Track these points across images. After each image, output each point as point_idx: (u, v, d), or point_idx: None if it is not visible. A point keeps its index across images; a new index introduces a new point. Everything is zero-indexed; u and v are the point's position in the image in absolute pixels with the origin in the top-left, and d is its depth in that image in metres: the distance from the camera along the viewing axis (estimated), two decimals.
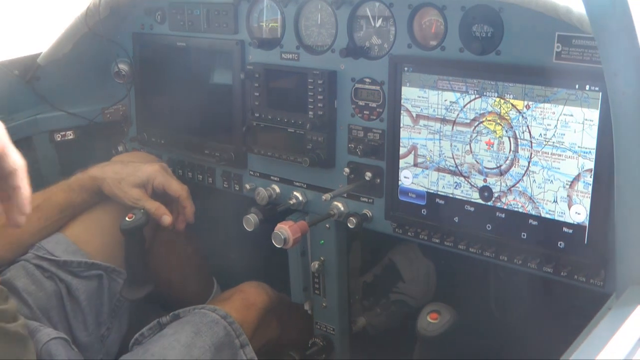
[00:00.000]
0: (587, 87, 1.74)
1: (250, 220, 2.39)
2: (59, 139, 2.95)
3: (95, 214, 2.49)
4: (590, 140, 1.76)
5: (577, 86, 1.75)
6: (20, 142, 2.84)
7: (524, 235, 1.94)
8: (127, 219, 2.34)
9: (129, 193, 2.42)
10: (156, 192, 2.49)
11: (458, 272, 2.62)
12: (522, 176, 1.90)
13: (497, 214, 1.98)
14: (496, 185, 1.96)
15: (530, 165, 1.88)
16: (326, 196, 2.21)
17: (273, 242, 2.16)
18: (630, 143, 1.38)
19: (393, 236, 2.28)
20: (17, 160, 1.69)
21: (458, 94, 1.97)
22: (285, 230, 2.14)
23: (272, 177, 2.55)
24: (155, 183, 2.47)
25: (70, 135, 2.97)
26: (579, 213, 1.83)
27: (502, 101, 1.89)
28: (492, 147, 1.94)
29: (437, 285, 2.87)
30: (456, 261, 2.47)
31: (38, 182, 2.88)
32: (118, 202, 2.45)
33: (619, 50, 1.30)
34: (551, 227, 1.89)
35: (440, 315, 1.88)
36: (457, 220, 2.07)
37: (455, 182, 2.05)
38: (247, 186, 2.61)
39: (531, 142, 1.87)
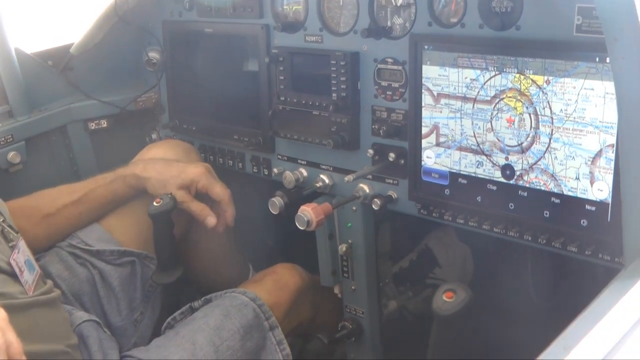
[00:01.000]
0: (608, 59, 1.69)
1: (276, 204, 2.40)
2: (93, 128, 3.00)
3: (128, 201, 2.53)
4: (611, 115, 1.72)
5: (597, 59, 1.72)
6: (55, 131, 2.92)
7: (546, 213, 1.92)
8: (154, 203, 2.36)
9: (174, 195, 2.44)
10: (199, 193, 2.50)
11: (495, 256, 2.59)
12: (544, 153, 1.88)
13: (520, 192, 1.96)
14: (518, 163, 1.94)
15: (552, 141, 1.86)
16: (349, 177, 2.21)
17: (296, 224, 2.16)
18: (632, 107, 1.35)
19: (422, 219, 2.27)
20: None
21: (478, 71, 1.95)
22: (308, 212, 2.15)
23: (299, 161, 2.56)
24: (199, 185, 2.47)
25: (104, 123, 3.02)
26: (601, 190, 1.79)
27: (522, 77, 1.87)
28: (513, 124, 1.92)
29: (474, 269, 2.85)
30: (493, 245, 2.45)
31: (73, 170, 2.96)
32: None
33: (618, 15, 1.28)
34: (574, 205, 1.86)
35: (456, 294, 1.85)
36: (480, 200, 2.05)
37: (477, 161, 2.03)
38: (276, 170, 2.62)
39: (552, 118, 1.84)
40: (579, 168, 1.82)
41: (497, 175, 2.00)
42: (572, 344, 1.22)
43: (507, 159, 1.96)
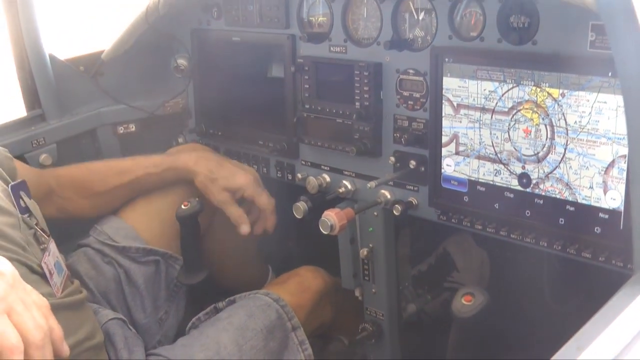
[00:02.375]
0: None
1: (300, 208, 2.45)
2: (121, 131, 3.06)
3: (155, 201, 2.59)
4: (623, 127, 1.77)
5: (610, 74, 1.78)
6: (85, 135, 2.99)
7: (561, 221, 1.97)
8: (182, 206, 2.43)
9: (218, 195, 2.53)
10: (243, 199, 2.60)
11: (511, 261, 2.64)
12: (559, 163, 1.94)
13: (536, 200, 2.02)
14: (534, 172, 2.00)
15: (567, 152, 1.92)
16: (371, 184, 2.27)
17: (320, 228, 2.22)
18: None
19: (441, 224, 2.32)
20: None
21: (496, 84, 2.02)
22: (332, 217, 2.20)
23: (322, 167, 2.62)
24: (245, 194, 2.57)
25: (132, 127, 3.08)
26: (614, 199, 1.85)
27: (539, 90, 1.93)
28: (530, 134, 1.98)
29: (491, 274, 2.90)
30: (509, 250, 2.50)
31: None
32: (201, 196, 2.55)
33: (626, 38, 1.35)
34: (588, 213, 1.91)
35: (474, 298, 1.92)
36: (497, 207, 2.11)
37: (495, 169, 2.09)
38: (299, 175, 2.68)
39: (567, 129, 1.90)
40: (593, 177, 1.88)
41: (514, 184, 2.06)
42: (585, 345, 1.29)
43: (523, 167, 2.03)
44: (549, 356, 1.29)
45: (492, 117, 2.06)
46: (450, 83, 2.13)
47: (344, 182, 2.54)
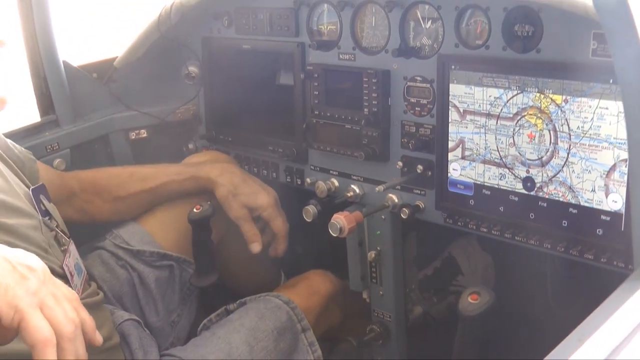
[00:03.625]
0: None
1: (310, 211, 2.50)
2: (133, 137, 3.10)
3: (172, 208, 2.63)
4: (624, 132, 1.80)
5: (611, 81, 1.83)
6: (98, 140, 3.03)
7: (565, 223, 2.02)
8: (194, 210, 2.46)
9: (237, 210, 2.58)
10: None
11: (515, 265, 2.68)
12: (562, 167, 1.99)
13: (540, 203, 2.07)
14: (538, 175, 2.05)
15: (569, 156, 1.97)
16: (379, 188, 2.32)
17: (330, 231, 2.27)
18: None
19: (446, 227, 2.36)
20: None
21: (501, 90, 2.07)
22: (341, 220, 2.25)
23: (331, 171, 2.65)
24: (264, 214, 2.63)
25: (143, 133, 3.12)
26: (615, 201, 1.90)
27: (542, 96, 1.98)
28: (534, 139, 2.03)
29: (496, 278, 2.94)
30: (514, 254, 2.53)
31: None
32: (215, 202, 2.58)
33: (626, 46, 1.41)
34: (590, 215, 1.96)
35: (480, 297, 1.96)
36: (502, 210, 2.16)
37: (500, 173, 2.14)
38: (308, 180, 2.71)
39: (570, 134, 1.95)
40: (595, 181, 1.93)
41: (519, 187, 2.11)
42: (585, 337, 1.34)
43: (528, 171, 2.08)
44: None
45: (497, 122, 2.11)
46: (456, 90, 2.18)
47: (353, 186, 2.57)
